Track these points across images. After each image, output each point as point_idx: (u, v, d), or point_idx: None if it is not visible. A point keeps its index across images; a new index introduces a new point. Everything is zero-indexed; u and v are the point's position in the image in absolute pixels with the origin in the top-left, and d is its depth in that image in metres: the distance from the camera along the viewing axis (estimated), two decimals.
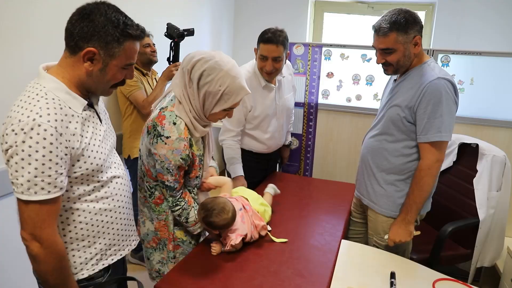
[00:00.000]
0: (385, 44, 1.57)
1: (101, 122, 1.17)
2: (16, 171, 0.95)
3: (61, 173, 0.99)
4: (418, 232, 1.70)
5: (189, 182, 1.46)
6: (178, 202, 1.42)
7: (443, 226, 2.03)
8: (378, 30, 1.58)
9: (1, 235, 1.77)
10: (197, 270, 1.38)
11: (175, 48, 2.42)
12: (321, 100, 2.96)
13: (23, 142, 0.93)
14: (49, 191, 0.97)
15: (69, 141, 1.01)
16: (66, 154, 1.00)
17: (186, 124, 1.33)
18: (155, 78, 2.64)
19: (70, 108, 1.03)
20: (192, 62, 1.30)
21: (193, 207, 1.46)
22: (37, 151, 0.94)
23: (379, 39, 1.59)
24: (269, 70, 2.01)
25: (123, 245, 1.28)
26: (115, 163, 1.23)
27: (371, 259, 1.54)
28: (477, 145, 2.19)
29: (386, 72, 1.69)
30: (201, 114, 1.36)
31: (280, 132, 2.32)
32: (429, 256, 2.03)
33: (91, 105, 1.13)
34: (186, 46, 2.44)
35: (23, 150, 0.93)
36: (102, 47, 1.03)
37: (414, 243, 2.18)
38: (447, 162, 2.39)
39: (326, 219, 1.87)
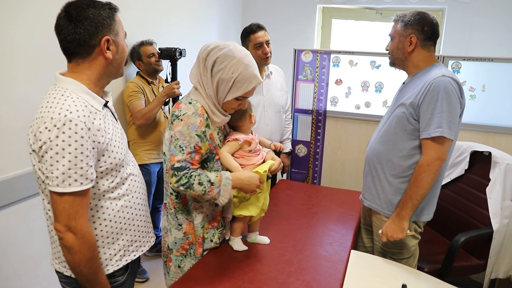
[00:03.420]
0: (391, 30, 1.72)
1: (117, 121, 1.24)
2: (51, 165, 1.00)
3: (91, 166, 1.05)
4: (413, 232, 1.67)
5: None
6: (183, 178, 1.30)
7: (456, 236, 1.98)
8: (393, 19, 1.75)
9: (14, 240, 1.77)
10: (204, 281, 1.36)
11: (173, 68, 2.49)
12: (329, 108, 2.94)
13: (57, 137, 0.99)
14: (81, 183, 1.02)
15: (96, 135, 1.06)
16: (93, 148, 1.06)
17: (203, 106, 1.35)
18: (162, 86, 2.65)
19: (92, 106, 1.10)
20: (207, 51, 1.34)
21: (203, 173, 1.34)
22: (70, 145, 0.99)
23: (392, 26, 1.74)
24: (267, 51, 2.26)
25: (144, 241, 1.32)
26: (131, 161, 1.29)
27: (382, 271, 1.51)
28: (489, 153, 2.15)
29: (389, 61, 1.79)
30: (216, 102, 1.38)
31: (267, 126, 2.36)
32: (441, 267, 1.98)
33: (106, 105, 1.19)
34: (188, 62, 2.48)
35: (57, 145, 0.99)
36: (109, 31, 1.10)
37: (425, 253, 2.14)
38: (459, 170, 2.35)
39: (335, 229, 1.84)
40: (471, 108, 2.57)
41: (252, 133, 1.59)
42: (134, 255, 1.27)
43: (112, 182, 1.15)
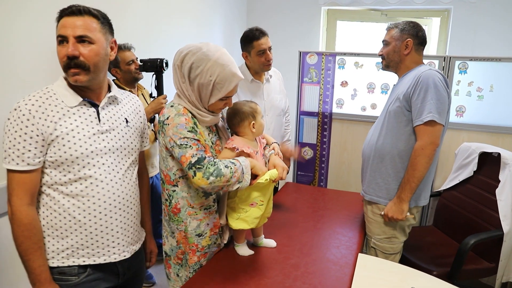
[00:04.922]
0: (385, 36, 1.86)
1: (99, 122, 1.24)
2: (3, 142, 1.15)
3: (29, 150, 1.14)
4: (413, 215, 1.78)
5: None
6: (209, 166, 1.26)
7: (465, 238, 1.95)
8: (387, 27, 1.90)
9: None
10: (210, 286, 1.35)
11: (158, 80, 2.30)
12: (335, 110, 2.92)
13: (8, 119, 1.15)
14: (17, 163, 1.14)
15: (43, 125, 1.15)
16: (37, 135, 1.14)
17: (185, 107, 1.34)
18: (142, 94, 2.48)
19: (63, 101, 1.19)
20: (180, 57, 1.31)
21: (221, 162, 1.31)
22: (13, 127, 1.13)
23: (385, 34, 1.88)
24: (270, 58, 2.22)
25: (100, 252, 1.26)
26: (108, 167, 1.24)
27: (390, 274, 1.49)
28: (498, 154, 2.12)
29: (382, 65, 1.93)
30: (200, 106, 1.35)
31: (269, 130, 2.32)
32: (450, 270, 1.95)
33: (94, 105, 1.24)
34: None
35: (6, 126, 1.15)
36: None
37: (434, 256, 2.12)
38: (467, 172, 2.32)
39: (342, 232, 1.82)
40: (479, 108, 2.54)
41: (257, 140, 1.52)
42: (84, 261, 1.23)
43: (65, 176, 1.19)
